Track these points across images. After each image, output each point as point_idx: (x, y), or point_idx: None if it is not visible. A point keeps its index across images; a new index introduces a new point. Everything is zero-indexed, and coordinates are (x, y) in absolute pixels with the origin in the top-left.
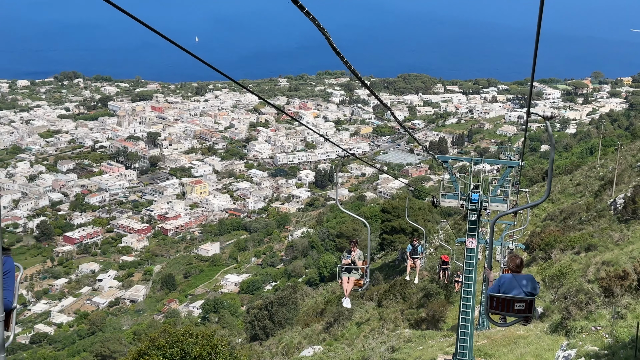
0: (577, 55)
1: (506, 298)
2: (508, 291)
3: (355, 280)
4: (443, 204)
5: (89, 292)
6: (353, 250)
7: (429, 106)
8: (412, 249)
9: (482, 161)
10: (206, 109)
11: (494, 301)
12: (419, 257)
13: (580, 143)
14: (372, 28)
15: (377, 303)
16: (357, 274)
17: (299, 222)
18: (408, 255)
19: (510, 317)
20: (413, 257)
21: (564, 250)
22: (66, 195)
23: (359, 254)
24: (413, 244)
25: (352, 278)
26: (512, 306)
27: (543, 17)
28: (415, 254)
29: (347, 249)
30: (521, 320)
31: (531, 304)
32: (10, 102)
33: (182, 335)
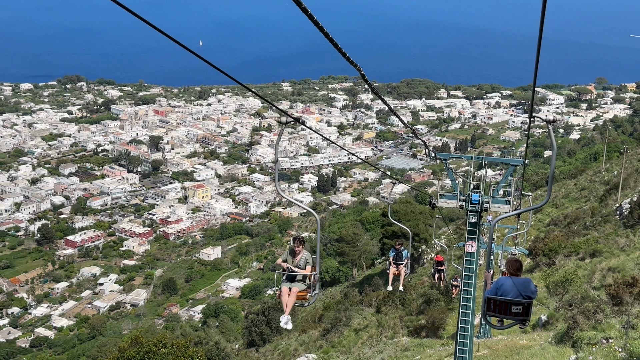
0: (580, 61)
1: (503, 301)
2: (506, 294)
3: (299, 292)
4: (441, 204)
5: (90, 296)
6: (298, 251)
7: (432, 111)
8: (395, 254)
9: (484, 159)
10: (209, 113)
11: (492, 303)
12: (404, 263)
13: (584, 149)
14: (375, 34)
15: (376, 309)
16: (302, 284)
17: (301, 227)
18: (391, 261)
19: (508, 319)
20: (396, 263)
21: (568, 256)
22: (68, 199)
23: (306, 257)
24: (396, 247)
25: (294, 289)
26: (509, 309)
27: (545, 24)
28: (399, 259)
29: (290, 248)
30: (518, 323)
31: (529, 307)
32: (13, 106)
33: (154, 346)
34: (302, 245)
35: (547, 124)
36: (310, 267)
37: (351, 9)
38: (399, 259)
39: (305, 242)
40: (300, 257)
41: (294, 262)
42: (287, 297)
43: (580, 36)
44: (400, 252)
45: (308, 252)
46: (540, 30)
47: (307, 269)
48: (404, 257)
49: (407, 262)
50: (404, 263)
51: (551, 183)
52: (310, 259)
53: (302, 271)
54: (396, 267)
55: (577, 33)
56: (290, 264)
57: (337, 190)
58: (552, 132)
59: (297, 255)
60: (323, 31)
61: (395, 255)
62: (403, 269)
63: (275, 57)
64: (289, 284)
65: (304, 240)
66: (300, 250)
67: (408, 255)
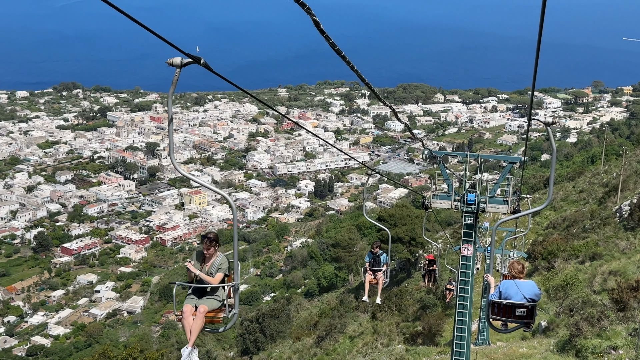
0: (576, 64)
1: (508, 304)
2: (510, 297)
3: (209, 312)
4: (435, 205)
5: (87, 304)
6: (208, 254)
7: (429, 116)
8: (372, 258)
9: (480, 157)
10: (205, 119)
11: (495, 307)
12: (382, 270)
13: (581, 152)
14: (370, 38)
15: (371, 315)
16: (214, 301)
17: (298, 233)
18: (367, 268)
19: (512, 323)
20: (373, 270)
21: (568, 259)
22: (64, 206)
23: (219, 262)
24: (373, 251)
25: (201, 308)
26: (513, 312)
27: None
28: (376, 265)
29: (198, 251)
30: (522, 326)
31: (533, 310)
32: (9, 113)
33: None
34: (214, 246)
35: (546, 126)
36: (222, 276)
37: (346, 12)
38: (376, 264)
39: (218, 241)
40: (211, 263)
41: (204, 269)
42: (190, 319)
43: (575, 38)
44: (377, 256)
45: (224, 255)
46: (540, 34)
47: (216, 277)
48: (383, 263)
49: (386, 268)
50: (383, 269)
51: (552, 185)
52: (225, 264)
53: (210, 279)
54: (373, 275)
55: (572, 35)
56: (199, 271)
57: (334, 196)
58: (552, 134)
59: (207, 260)
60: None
61: (372, 261)
62: (381, 276)
63: (271, 62)
64: (195, 300)
65: (217, 239)
66: (212, 252)
67: (387, 261)
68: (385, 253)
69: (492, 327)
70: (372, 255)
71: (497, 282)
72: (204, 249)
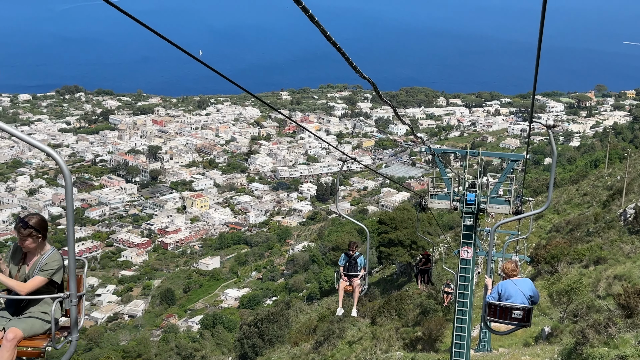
0: (578, 68)
1: (504, 306)
2: (510, 296)
3: (28, 340)
4: (432, 205)
5: (88, 307)
6: (29, 249)
7: (431, 119)
8: (347, 262)
9: (480, 154)
10: (207, 123)
11: (492, 309)
12: (359, 275)
13: (584, 156)
14: (372, 42)
15: (371, 320)
16: (36, 321)
17: (300, 236)
18: (341, 273)
19: (509, 325)
20: (349, 275)
21: (571, 263)
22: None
23: (44, 262)
24: (349, 253)
25: (10, 334)
26: (510, 314)
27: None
28: (352, 269)
29: (15, 246)
30: (519, 328)
31: (530, 312)
32: (11, 116)
33: None
34: (35, 236)
35: (548, 129)
36: (42, 282)
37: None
38: (352, 268)
39: (43, 228)
40: (33, 262)
41: (22, 271)
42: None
43: (578, 43)
44: (354, 259)
45: (57, 251)
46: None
47: (29, 283)
48: (360, 267)
49: (364, 273)
50: (360, 275)
51: (552, 187)
52: (53, 264)
53: (18, 285)
54: (348, 281)
55: (574, 40)
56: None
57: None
58: (553, 137)
59: (28, 258)
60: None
61: (347, 264)
62: (358, 283)
63: (272, 66)
64: (4, 320)
65: (41, 226)
66: (33, 247)
67: (365, 264)
68: (362, 255)
69: (489, 328)
70: (347, 257)
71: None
72: (19, 241)
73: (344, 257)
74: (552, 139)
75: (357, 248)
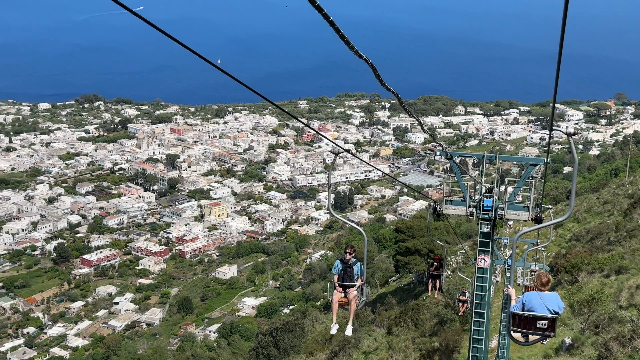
0: (598, 77)
1: (529, 316)
2: (533, 308)
3: None
4: (448, 211)
5: (106, 316)
6: None
7: (449, 128)
8: (342, 269)
9: (497, 157)
10: (225, 131)
11: (516, 319)
12: (355, 286)
13: (604, 164)
14: (389, 51)
15: (387, 330)
16: None
17: (318, 245)
18: (335, 283)
19: (533, 335)
20: (344, 285)
21: (592, 272)
22: (84, 218)
23: None
24: (345, 258)
25: None
26: (534, 324)
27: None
28: (348, 278)
29: None
30: (543, 338)
31: (554, 322)
32: (31, 125)
33: None
34: None
35: (568, 136)
36: None
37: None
38: (347, 277)
39: None
40: None
41: None
42: None
43: (597, 50)
44: (350, 266)
45: None
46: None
47: None
48: (356, 275)
49: (361, 283)
50: (357, 285)
51: (573, 195)
52: None
53: None
54: (343, 292)
55: (594, 47)
56: None
57: (354, 208)
58: (573, 144)
59: None
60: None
61: (342, 273)
62: (355, 294)
63: (290, 74)
64: None
65: None
66: None
67: (363, 272)
68: (360, 262)
69: (513, 339)
70: (343, 264)
71: (519, 295)
72: None
73: (338, 264)
74: (573, 147)
75: (354, 253)
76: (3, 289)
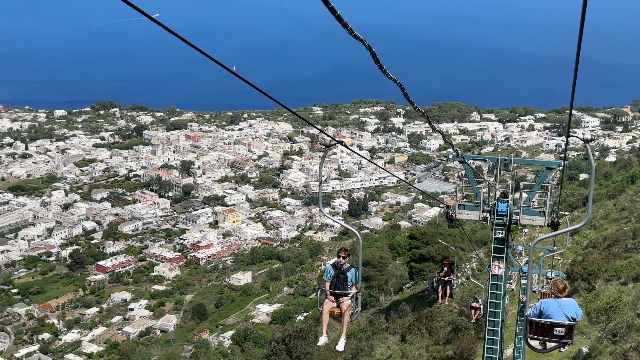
0: (614, 83)
1: (546, 323)
2: (551, 315)
3: None
4: (461, 216)
5: (120, 322)
6: None
7: (464, 134)
8: (335, 275)
9: (512, 161)
10: (240, 138)
11: (534, 326)
12: (350, 293)
13: (620, 171)
14: (404, 58)
15: (400, 338)
16: None
17: (332, 252)
18: (327, 291)
19: (550, 342)
20: (336, 294)
21: (609, 280)
22: (100, 224)
23: None
24: (338, 264)
25: None
26: (551, 331)
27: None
28: (341, 285)
29: None
30: (560, 346)
31: (571, 330)
32: (47, 132)
33: None
34: None
35: (585, 142)
36: None
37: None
38: (340, 285)
39: None
40: None
41: None
42: None
43: (614, 57)
44: (343, 272)
45: None
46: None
47: None
48: (350, 282)
49: (355, 292)
50: (351, 293)
51: (590, 201)
52: None
53: None
54: (335, 301)
55: (610, 54)
56: None
57: (368, 215)
58: (590, 150)
59: None
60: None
61: (334, 279)
62: (347, 304)
63: (305, 81)
64: None
65: None
66: None
67: (358, 279)
68: (354, 267)
69: (530, 346)
70: (336, 270)
71: (533, 302)
72: None
73: (330, 269)
74: (590, 153)
75: (348, 257)
76: (18, 295)
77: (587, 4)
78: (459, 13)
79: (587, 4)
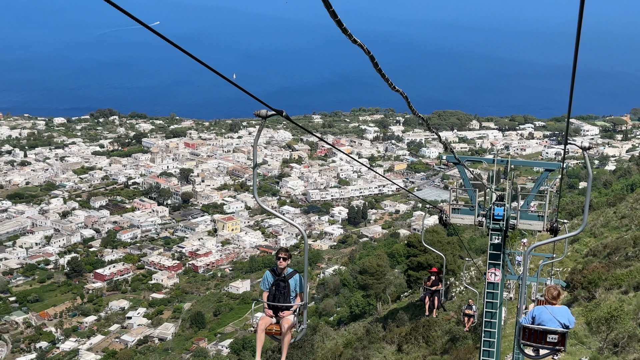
0: (613, 92)
1: (539, 330)
2: (543, 322)
3: None
4: (455, 220)
5: (118, 330)
6: None
7: (464, 142)
8: (273, 283)
9: (509, 162)
10: (239, 146)
11: (526, 332)
12: (293, 306)
13: (620, 180)
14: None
15: (397, 347)
16: None
17: (331, 260)
18: (265, 304)
19: (543, 349)
20: (275, 307)
21: (610, 289)
22: (98, 232)
23: None
24: (277, 269)
25: None
26: (544, 338)
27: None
28: (282, 296)
29: None
30: (554, 353)
31: (564, 337)
32: (46, 139)
33: None
34: None
35: (583, 150)
36: None
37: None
38: (281, 295)
39: None
40: None
41: None
42: None
43: (613, 66)
44: (285, 279)
45: None
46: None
47: None
48: (293, 292)
49: (300, 303)
50: (295, 306)
51: (587, 208)
52: None
53: None
54: (274, 316)
55: (610, 63)
56: None
57: (367, 223)
58: (587, 157)
59: None
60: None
61: (273, 289)
62: (289, 320)
63: (304, 89)
64: None
65: None
66: None
67: (305, 288)
68: (298, 273)
69: (523, 352)
70: (275, 277)
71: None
72: None
73: (268, 275)
74: (588, 160)
75: (289, 260)
76: (16, 303)
77: (586, 13)
78: (459, 22)
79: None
